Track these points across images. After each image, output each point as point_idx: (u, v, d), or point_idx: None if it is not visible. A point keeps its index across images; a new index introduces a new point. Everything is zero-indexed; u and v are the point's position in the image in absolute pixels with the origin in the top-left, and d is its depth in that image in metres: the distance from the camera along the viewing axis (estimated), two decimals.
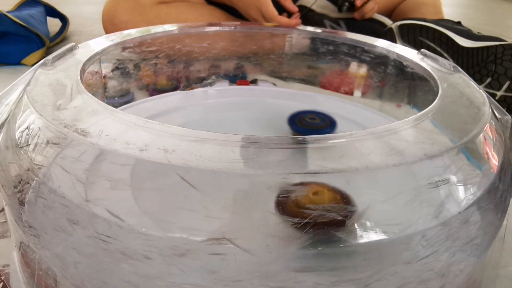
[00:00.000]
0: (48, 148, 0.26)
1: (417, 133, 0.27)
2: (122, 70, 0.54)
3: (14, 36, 0.84)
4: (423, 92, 0.44)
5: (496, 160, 0.29)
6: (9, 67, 0.84)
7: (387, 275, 0.23)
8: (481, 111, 0.31)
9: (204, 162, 0.23)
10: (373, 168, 0.23)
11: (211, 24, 0.57)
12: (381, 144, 0.25)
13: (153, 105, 0.54)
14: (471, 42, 0.68)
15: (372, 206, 0.23)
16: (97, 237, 0.23)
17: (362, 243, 0.22)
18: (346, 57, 0.56)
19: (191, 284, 0.22)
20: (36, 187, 0.25)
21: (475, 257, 0.26)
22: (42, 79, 0.32)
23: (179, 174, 0.23)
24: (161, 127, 0.25)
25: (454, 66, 0.39)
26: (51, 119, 0.27)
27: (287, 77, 0.63)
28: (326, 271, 0.22)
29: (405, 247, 0.23)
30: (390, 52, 0.48)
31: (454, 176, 0.26)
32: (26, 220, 0.26)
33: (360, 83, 0.59)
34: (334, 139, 0.25)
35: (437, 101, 0.31)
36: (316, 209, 0.21)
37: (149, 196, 0.24)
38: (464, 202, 0.25)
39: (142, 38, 0.49)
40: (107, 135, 0.25)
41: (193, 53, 0.58)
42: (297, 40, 0.60)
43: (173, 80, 0.61)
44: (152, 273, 0.22)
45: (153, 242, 0.22)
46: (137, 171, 0.24)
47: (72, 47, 0.38)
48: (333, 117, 0.51)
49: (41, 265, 0.26)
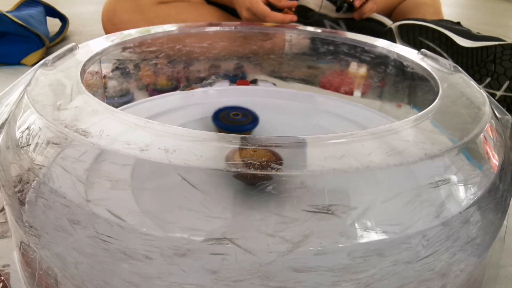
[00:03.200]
0: (48, 148, 0.26)
1: (417, 133, 0.27)
2: (122, 70, 0.54)
3: (14, 36, 0.84)
4: (423, 92, 0.44)
5: (496, 160, 0.29)
6: (9, 67, 0.84)
7: (388, 275, 0.23)
8: (481, 111, 0.31)
9: (205, 162, 0.23)
10: (373, 168, 0.23)
11: (211, 24, 0.57)
12: (381, 144, 0.25)
13: (153, 105, 0.54)
14: (471, 42, 0.68)
15: (373, 206, 0.23)
16: (98, 237, 0.23)
17: (362, 243, 0.22)
18: (346, 57, 0.56)
19: (192, 284, 0.22)
20: (36, 187, 0.25)
21: (475, 257, 0.26)
22: (42, 79, 0.32)
23: (179, 174, 0.23)
24: (162, 127, 0.25)
25: (454, 66, 0.39)
26: (51, 119, 0.27)
27: (287, 77, 0.63)
28: (326, 271, 0.22)
29: (406, 247, 0.23)
30: (390, 52, 0.48)
31: (454, 176, 0.26)
32: (26, 220, 0.26)
33: (360, 83, 0.59)
34: (334, 139, 0.25)
35: (438, 101, 0.31)
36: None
37: (149, 196, 0.24)
38: (464, 202, 0.25)
39: (142, 38, 0.49)
40: (108, 135, 0.25)
41: (193, 53, 0.58)
42: (297, 40, 0.60)
43: (173, 80, 0.61)
44: (153, 273, 0.22)
45: (153, 242, 0.22)
46: (138, 171, 0.24)
47: (72, 47, 0.38)
48: (257, 113, 0.51)
49: (42, 265, 0.26)
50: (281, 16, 0.71)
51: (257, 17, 0.73)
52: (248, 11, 0.74)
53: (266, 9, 0.71)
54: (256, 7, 0.72)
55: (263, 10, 0.71)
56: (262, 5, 0.72)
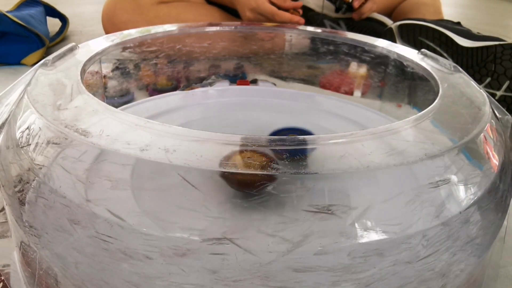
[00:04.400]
0: (48, 148, 0.26)
1: (417, 133, 0.27)
2: (122, 70, 0.54)
3: (14, 36, 0.84)
4: (424, 92, 0.44)
5: (496, 160, 0.29)
6: (9, 67, 0.84)
7: (388, 275, 0.23)
8: (481, 111, 0.31)
9: (205, 162, 0.23)
10: (373, 168, 0.23)
11: (211, 24, 0.57)
12: (381, 144, 0.25)
13: (153, 105, 0.54)
14: (471, 42, 0.68)
15: (373, 206, 0.23)
16: (98, 237, 0.23)
17: (362, 243, 0.22)
18: (346, 57, 0.56)
19: (192, 284, 0.22)
20: (36, 187, 0.25)
21: (475, 257, 0.26)
22: (42, 79, 0.32)
23: (180, 174, 0.23)
24: (162, 127, 0.25)
25: (455, 66, 0.39)
26: (51, 119, 0.26)
27: (287, 77, 0.63)
28: (326, 271, 0.22)
29: (406, 247, 0.23)
30: (391, 52, 0.48)
31: (454, 176, 0.26)
32: (26, 220, 0.26)
33: (360, 83, 0.59)
34: (334, 139, 0.25)
35: (438, 101, 0.31)
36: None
37: (149, 196, 0.24)
38: (464, 202, 0.25)
39: (142, 38, 0.49)
40: (108, 135, 0.25)
41: (193, 53, 0.58)
42: (297, 40, 0.60)
43: (173, 80, 0.61)
44: (153, 273, 0.22)
45: (154, 242, 0.22)
46: (138, 171, 0.24)
47: (72, 47, 0.38)
48: (313, 132, 0.50)
49: (42, 265, 0.26)
50: (289, 15, 0.71)
51: (263, 17, 0.73)
52: (252, 11, 0.74)
53: (274, 8, 0.71)
54: (263, 6, 0.72)
55: (270, 9, 0.71)
56: (269, 4, 0.72)
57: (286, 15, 0.71)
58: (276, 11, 0.71)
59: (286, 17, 0.71)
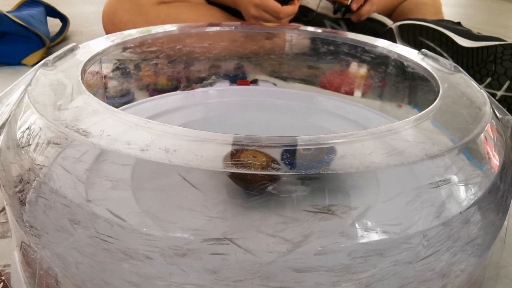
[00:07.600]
0: (49, 148, 0.26)
1: (418, 133, 0.27)
2: (122, 70, 0.54)
3: (14, 36, 0.84)
4: (424, 92, 0.44)
5: (497, 160, 0.29)
6: (9, 67, 0.84)
7: (388, 275, 0.23)
8: (482, 111, 0.31)
9: (205, 162, 0.23)
10: (374, 168, 0.23)
11: (211, 24, 0.57)
12: (382, 144, 0.25)
13: (154, 105, 0.54)
14: (471, 42, 0.68)
15: (373, 206, 0.23)
16: (98, 237, 0.23)
17: (362, 243, 0.22)
18: (346, 57, 0.56)
19: (192, 284, 0.22)
20: (37, 187, 0.25)
21: (476, 257, 0.26)
22: (43, 79, 0.32)
23: (180, 174, 0.23)
24: (162, 127, 0.25)
25: (455, 66, 0.39)
26: (52, 119, 0.27)
27: (288, 77, 0.63)
28: (327, 271, 0.22)
29: (406, 247, 0.23)
30: (391, 52, 0.48)
31: (455, 176, 0.26)
32: (27, 220, 0.26)
33: (360, 83, 0.59)
34: (334, 139, 0.25)
35: (438, 101, 0.31)
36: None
37: (150, 196, 0.24)
38: (465, 202, 0.25)
39: (142, 39, 0.49)
40: (108, 135, 0.25)
41: (193, 53, 0.58)
42: (297, 40, 0.60)
43: (173, 80, 0.61)
44: (153, 273, 0.22)
45: (154, 242, 0.22)
46: (138, 171, 0.24)
47: (72, 47, 0.39)
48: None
49: (42, 265, 0.26)
50: (292, 8, 0.72)
51: (267, 14, 0.74)
52: (257, 8, 0.74)
53: (278, 4, 0.72)
54: (267, 3, 0.72)
55: (274, 5, 0.72)
56: (273, 1, 0.72)
57: (289, 9, 0.72)
58: (280, 8, 0.72)
59: (290, 11, 0.72)
